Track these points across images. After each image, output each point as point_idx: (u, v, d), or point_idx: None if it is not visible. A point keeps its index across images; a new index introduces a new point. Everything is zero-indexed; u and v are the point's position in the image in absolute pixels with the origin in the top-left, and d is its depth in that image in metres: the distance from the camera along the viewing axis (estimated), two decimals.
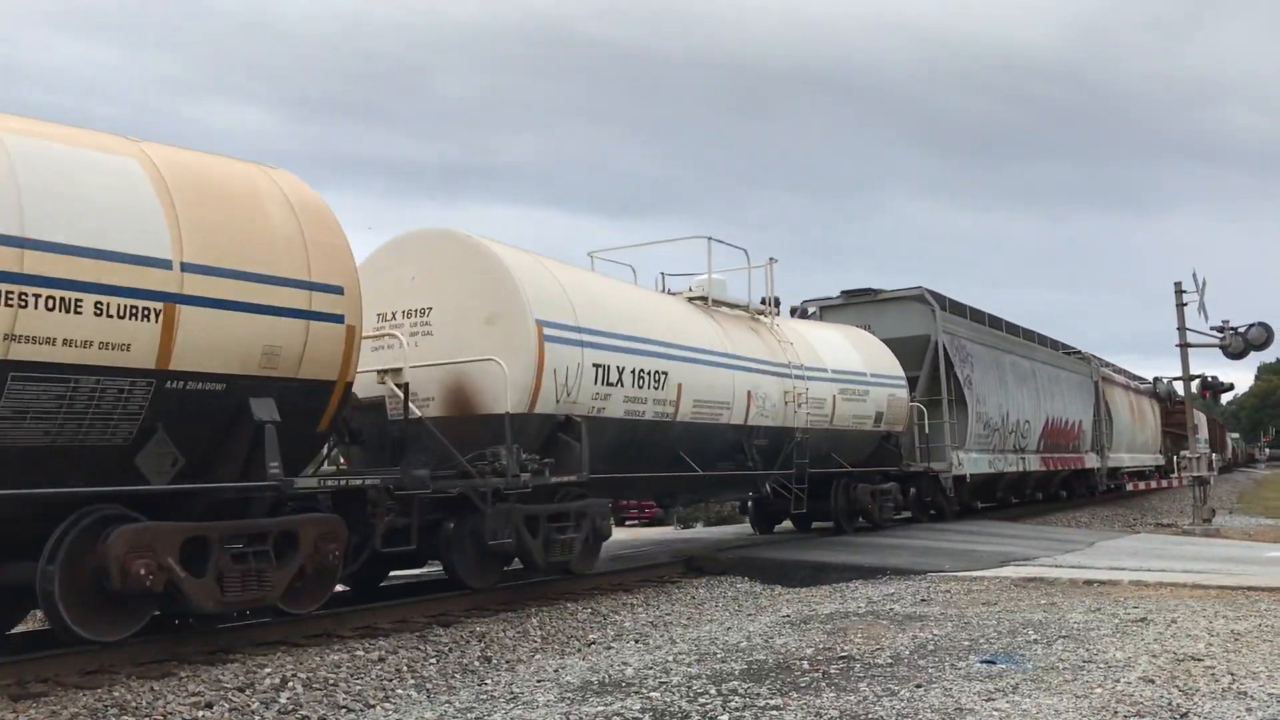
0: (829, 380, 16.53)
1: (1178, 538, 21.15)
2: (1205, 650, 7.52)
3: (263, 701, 6.78)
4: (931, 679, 6.84)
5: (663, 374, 12.51)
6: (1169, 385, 30.41)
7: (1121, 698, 6.14)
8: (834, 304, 21.53)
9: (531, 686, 7.27)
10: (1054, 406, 26.69)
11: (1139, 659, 7.26)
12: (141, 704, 6.52)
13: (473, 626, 9.37)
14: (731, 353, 14.09)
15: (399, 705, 7.03)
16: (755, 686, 6.82)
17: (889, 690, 6.55)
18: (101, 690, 6.74)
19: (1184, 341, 27.59)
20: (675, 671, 7.48)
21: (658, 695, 6.68)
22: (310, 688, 7.14)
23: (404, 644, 8.47)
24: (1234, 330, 26.94)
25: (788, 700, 6.39)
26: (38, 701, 6.47)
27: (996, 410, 22.52)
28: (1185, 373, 28.34)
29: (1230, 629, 8.39)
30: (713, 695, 6.60)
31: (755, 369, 14.55)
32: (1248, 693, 6.19)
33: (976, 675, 6.91)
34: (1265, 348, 27.16)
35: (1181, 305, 27.35)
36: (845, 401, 16.83)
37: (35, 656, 7.39)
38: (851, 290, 21.55)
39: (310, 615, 8.83)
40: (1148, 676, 6.69)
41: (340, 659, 7.85)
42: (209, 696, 6.74)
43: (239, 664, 7.56)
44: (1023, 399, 24.33)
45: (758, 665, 7.59)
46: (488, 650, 8.64)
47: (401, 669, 7.84)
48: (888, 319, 20.69)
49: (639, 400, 12.16)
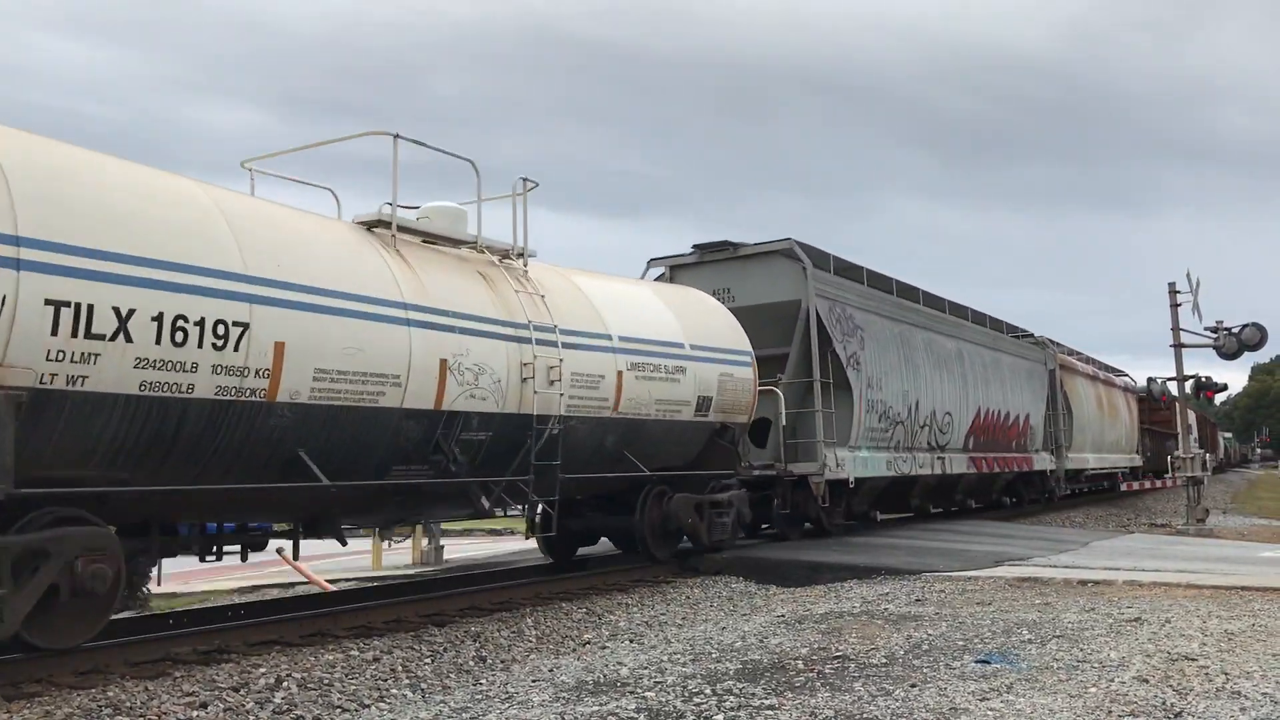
0: (611, 350, 11.73)
1: (1172, 538, 21.20)
2: (1199, 650, 7.54)
3: (257, 701, 6.77)
4: (926, 679, 6.85)
5: (238, 326, 7.82)
6: (1163, 385, 30.28)
7: (1116, 697, 6.15)
8: (686, 263, 17.13)
9: (526, 686, 7.27)
10: (990, 396, 22.77)
11: (1133, 659, 7.27)
12: (136, 704, 6.51)
13: (467, 626, 9.37)
14: (414, 303, 9.47)
15: (394, 705, 7.02)
16: (750, 686, 6.83)
17: (884, 690, 6.55)
18: (96, 690, 6.74)
19: (1178, 342, 27.65)
20: (670, 671, 7.48)
21: (653, 695, 6.69)
22: (305, 687, 7.13)
23: (399, 644, 8.47)
24: (1228, 331, 26.99)
25: (783, 700, 6.39)
26: (32, 701, 6.46)
27: (899, 398, 18.42)
28: (1179, 373, 28.38)
29: (1224, 629, 8.41)
30: (708, 695, 6.60)
31: (464, 328, 9.93)
32: (1241, 692, 6.21)
33: (971, 675, 6.92)
34: (1259, 348, 27.24)
35: (1176, 306, 27.42)
36: (643, 380, 12.10)
37: (30, 656, 7.38)
38: (707, 245, 17.15)
39: (307, 615, 8.84)
40: (1142, 676, 6.71)
41: (335, 659, 7.85)
42: (203, 696, 6.73)
43: (234, 664, 7.56)
44: (943, 386, 20.25)
45: (753, 665, 7.60)
46: (483, 650, 8.64)
47: (396, 669, 7.84)
48: (753, 281, 16.70)
49: (179, 366, 7.46)
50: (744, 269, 16.81)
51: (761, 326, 15.48)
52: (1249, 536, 23.02)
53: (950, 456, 20.52)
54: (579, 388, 11.23)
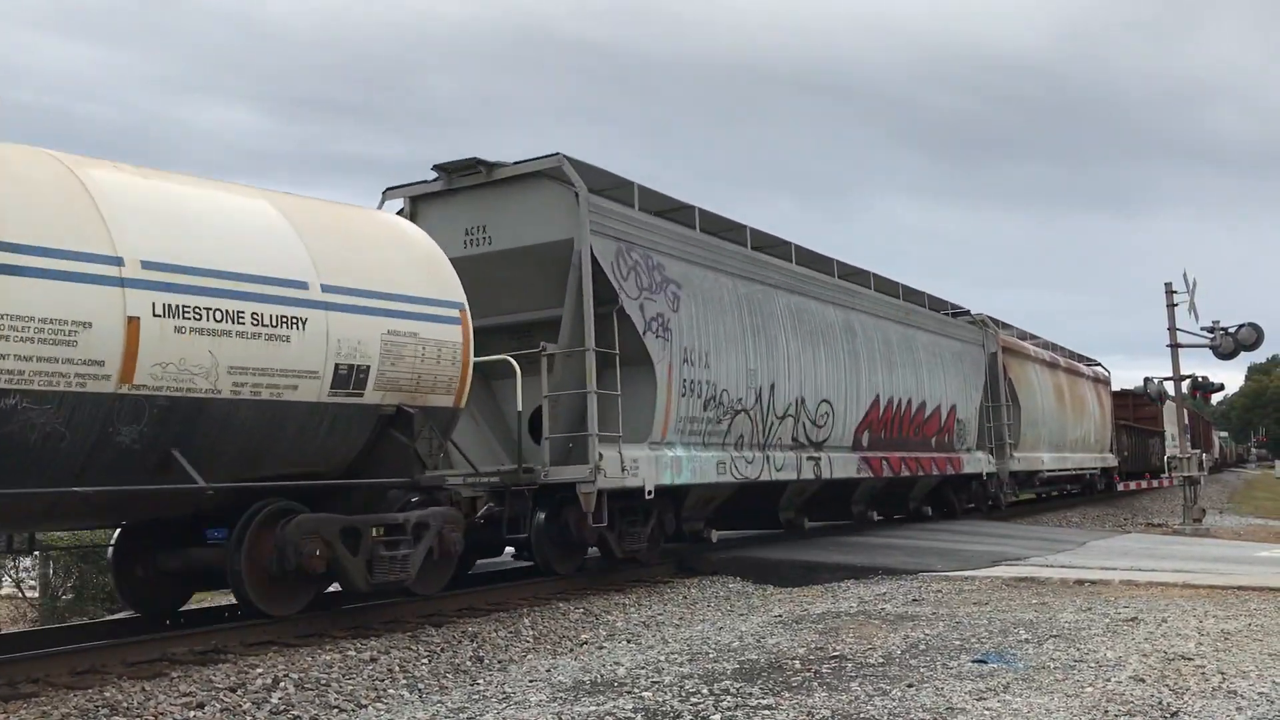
0: (116, 282, 7.33)
1: (1168, 537, 21.23)
2: (1196, 650, 7.54)
3: (254, 702, 6.77)
4: (923, 678, 6.85)
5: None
6: (1160, 385, 30.24)
7: (1112, 697, 6.15)
8: (431, 191, 12.51)
9: (524, 686, 7.27)
10: (898, 382, 18.28)
11: (1130, 658, 7.28)
12: (133, 704, 6.51)
13: (465, 626, 9.37)
14: None
15: (391, 705, 7.02)
16: (747, 686, 6.83)
17: (881, 690, 6.56)
18: (92, 690, 6.73)
19: (1174, 342, 27.69)
20: (667, 671, 7.49)
21: (650, 695, 6.69)
22: (302, 688, 7.13)
23: (396, 644, 8.47)
24: (1224, 331, 27.03)
25: (780, 700, 6.40)
26: (28, 702, 6.46)
27: (739, 379, 13.65)
28: (1176, 373, 28.42)
29: (1221, 628, 8.42)
30: (705, 695, 6.60)
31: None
32: (1238, 692, 6.21)
33: (968, 675, 6.92)
34: (1255, 348, 27.28)
35: (1172, 306, 27.47)
36: (199, 336, 7.73)
37: (26, 656, 7.38)
38: (453, 164, 12.28)
39: (303, 615, 8.84)
40: (1138, 676, 6.71)
41: (332, 659, 7.84)
42: (200, 697, 6.73)
43: (231, 664, 7.55)
44: (818, 366, 15.64)
45: (750, 665, 7.60)
46: (480, 650, 8.64)
47: (394, 669, 7.83)
48: (515, 215, 12.08)
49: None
50: (504, 198, 12.17)
51: (529, 279, 11.92)
52: (1246, 536, 23.05)
53: (832, 457, 15.94)
54: (26, 342, 6.77)
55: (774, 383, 14.52)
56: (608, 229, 11.85)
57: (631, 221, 12.40)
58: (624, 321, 11.88)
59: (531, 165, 11.98)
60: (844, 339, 16.74)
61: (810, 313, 15.92)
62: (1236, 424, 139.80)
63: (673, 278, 12.80)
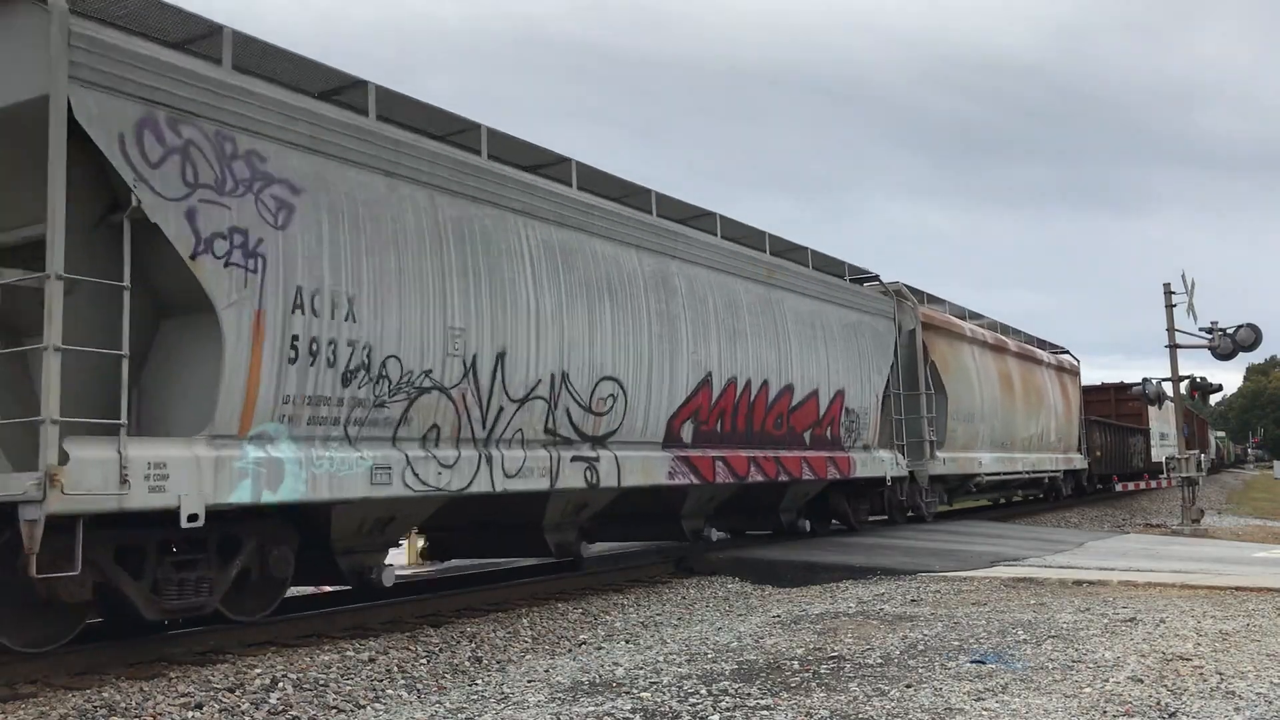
0: None
1: (1167, 538, 21.24)
2: (1194, 650, 7.55)
3: (253, 702, 6.77)
4: (921, 679, 6.85)
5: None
6: (1158, 386, 30.24)
7: (1110, 697, 6.16)
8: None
9: (522, 687, 7.27)
10: (745, 359, 13.77)
11: (1128, 659, 7.28)
12: (131, 705, 6.51)
13: (463, 627, 9.37)
14: None
15: (389, 705, 7.02)
16: (746, 686, 6.83)
17: (879, 690, 6.56)
18: (91, 691, 6.74)
19: (1173, 343, 27.71)
20: (666, 671, 7.49)
21: (648, 695, 6.69)
22: (300, 688, 7.13)
23: (394, 644, 8.47)
24: (1222, 331, 27.04)
25: (778, 700, 6.40)
26: (26, 702, 6.46)
27: (421, 338, 9.30)
28: (1174, 373, 28.45)
29: (1219, 629, 8.43)
30: (703, 695, 6.60)
31: None
32: (1236, 692, 6.22)
33: (966, 675, 6.93)
34: (1253, 349, 27.28)
35: (1171, 306, 27.49)
36: None
37: (23, 656, 7.36)
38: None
39: (303, 616, 8.84)
40: (1136, 676, 6.72)
41: (330, 659, 7.85)
42: (199, 697, 6.73)
43: (229, 664, 7.55)
44: (594, 329, 11.29)
45: (748, 665, 7.60)
46: (478, 650, 8.64)
47: (392, 669, 7.84)
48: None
49: None
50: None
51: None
52: (1244, 537, 23.07)
53: (623, 456, 11.49)
54: None
55: (505, 350, 10.10)
56: (122, 82, 7.27)
57: (188, 79, 7.72)
58: (153, 237, 7.44)
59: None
60: (653, 297, 12.15)
61: (590, 257, 11.36)
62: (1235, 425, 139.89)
63: (280, 175, 8.30)
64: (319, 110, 8.78)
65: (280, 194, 8.29)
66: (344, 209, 8.74)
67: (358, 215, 8.85)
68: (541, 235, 10.82)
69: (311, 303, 8.40)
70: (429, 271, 9.43)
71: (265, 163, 8.19)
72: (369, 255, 8.88)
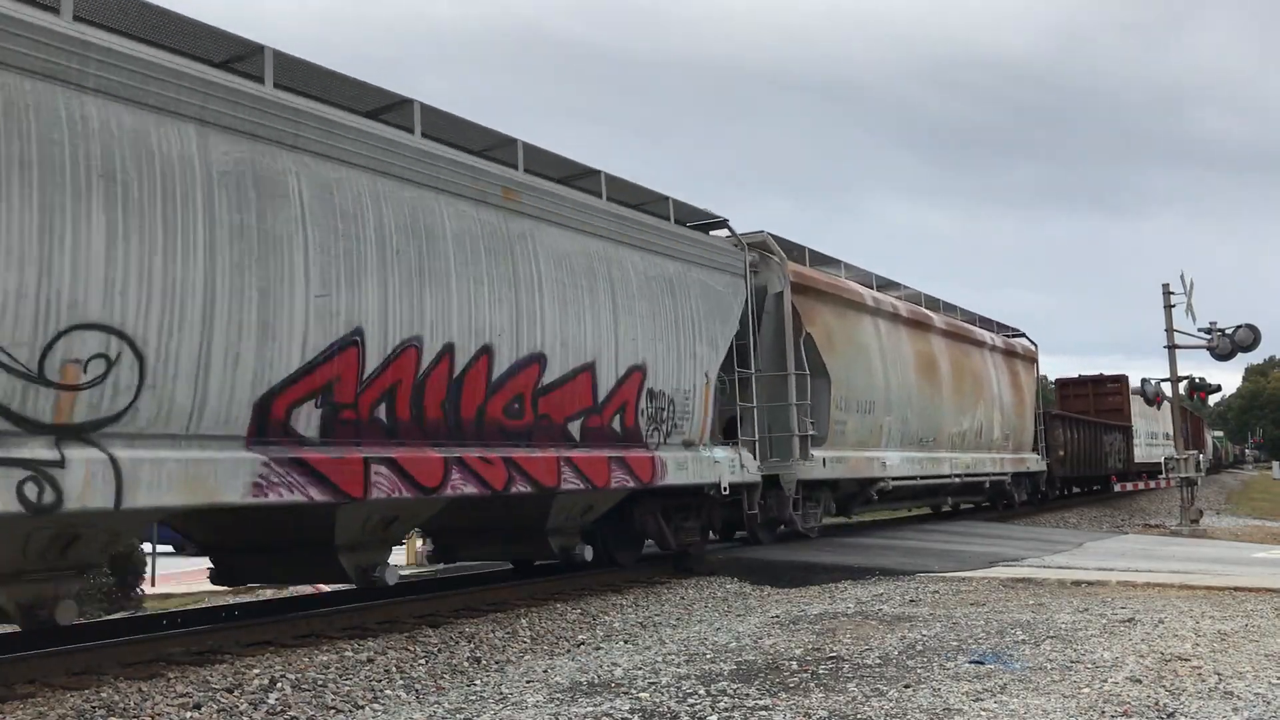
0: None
1: (1165, 538, 21.26)
2: (1192, 650, 7.55)
3: (251, 702, 6.77)
4: (920, 679, 6.85)
5: None
6: (1156, 386, 30.22)
7: (1109, 698, 6.16)
8: None
9: (520, 687, 7.27)
10: (449, 311, 9.41)
11: (1126, 659, 7.28)
12: (129, 705, 6.50)
13: (462, 627, 9.36)
14: None
15: (388, 706, 7.02)
16: (744, 687, 6.83)
17: (877, 690, 6.56)
18: (89, 691, 6.73)
19: (1172, 343, 27.72)
20: (664, 672, 7.49)
21: (647, 696, 6.69)
22: (299, 688, 7.12)
23: (393, 644, 8.47)
24: (1221, 332, 27.06)
25: (777, 700, 6.40)
26: (24, 702, 6.45)
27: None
28: (1173, 374, 28.47)
29: (1217, 629, 8.43)
30: (702, 696, 6.60)
31: None
32: (1234, 693, 6.22)
33: (965, 675, 6.93)
34: (1252, 349, 27.30)
35: (1169, 307, 27.50)
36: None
37: (22, 656, 7.36)
38: None
39: (301, 616, 8.84)
40: (1135, 676, 6.72)
41: (329, 659, 7.84)
42: (197, 697, 6.72)
43: (227, 664, 7.55)
44: (68, 233, 6.59)
45: (747, 666, 7.60)
46: (477, 651, 8.63)
47: (390, 669, 7.83)
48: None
49: None
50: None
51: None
52: (1242, 537, 23.09)
53: (127, 459, 6.91)
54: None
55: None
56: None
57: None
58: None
59: None
60: (225, 202, 7.71)
61: (70, 124, 6.77)
62: (1234, 425, 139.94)
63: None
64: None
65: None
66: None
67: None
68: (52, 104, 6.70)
69: None
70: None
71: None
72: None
